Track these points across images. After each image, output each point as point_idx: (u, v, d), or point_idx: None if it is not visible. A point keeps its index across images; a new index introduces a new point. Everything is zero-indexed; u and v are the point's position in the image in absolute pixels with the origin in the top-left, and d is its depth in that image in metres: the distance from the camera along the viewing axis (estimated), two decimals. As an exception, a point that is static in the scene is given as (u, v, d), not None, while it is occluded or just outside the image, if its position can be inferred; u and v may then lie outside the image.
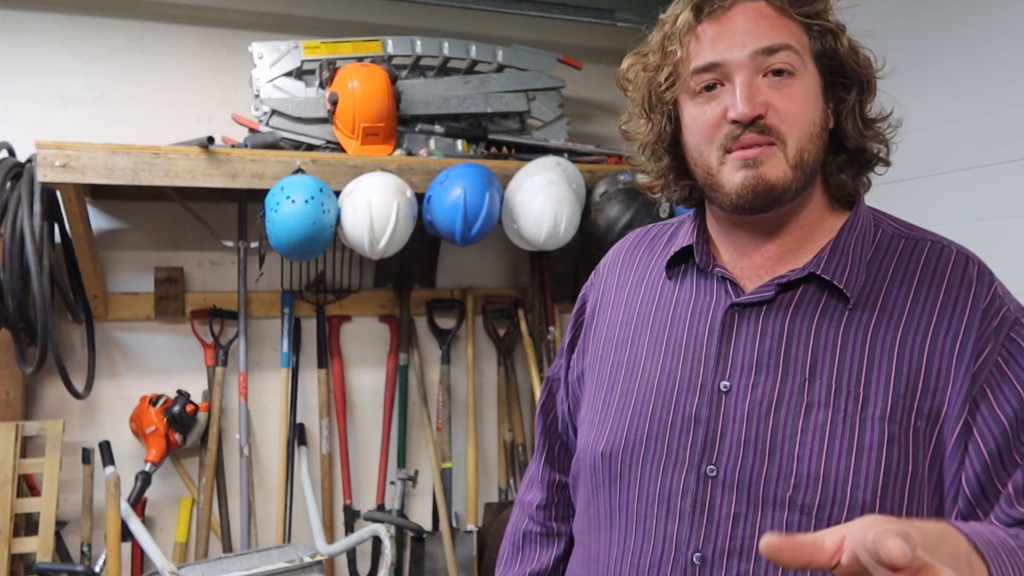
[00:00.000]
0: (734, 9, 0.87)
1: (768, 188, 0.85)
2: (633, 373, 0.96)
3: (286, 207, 2.19)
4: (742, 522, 0.84)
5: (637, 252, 1.07)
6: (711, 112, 0.88)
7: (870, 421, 0.82)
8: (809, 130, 0.87)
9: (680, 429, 0.89)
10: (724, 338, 0.90)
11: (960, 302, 0.85)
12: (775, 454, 0.83)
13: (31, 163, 2.17)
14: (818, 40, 0.89)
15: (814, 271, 0.88)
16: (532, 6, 2.77)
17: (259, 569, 2.21)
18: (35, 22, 2.50)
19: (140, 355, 2.61)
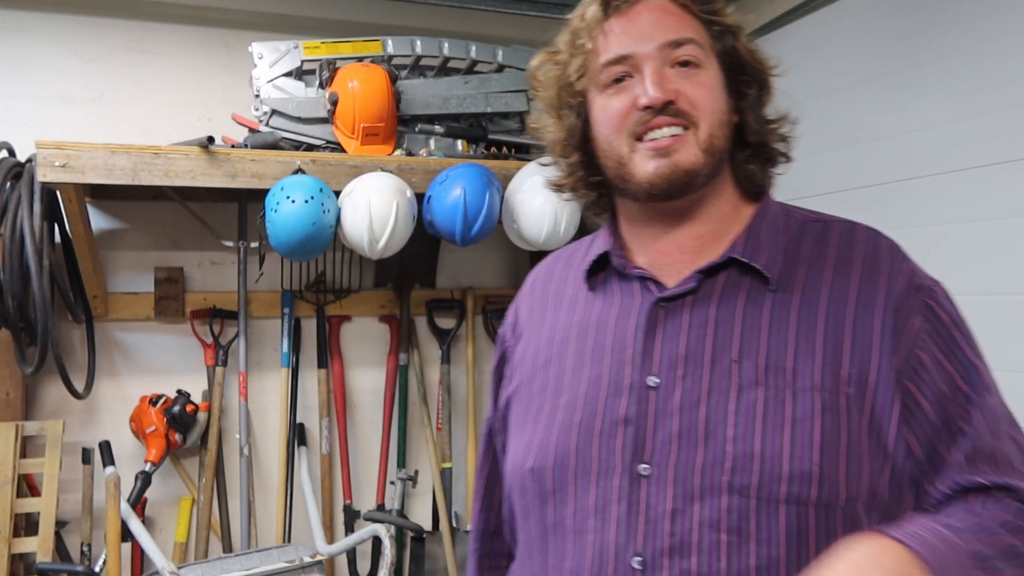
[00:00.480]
0: (640, 5, 0.91)
1: (682, 173, 0.87)
2: (559, 388, 0.94)
3: (286, 207, 2.19)
4: (680, 517, 0.81)
5: (555, 271, 1.07)
6: (621, 102, 0.90)
7: (801, 392, 0.82)
8: (718, 116, 0.90)
9: (609, 434, 0.87)
10: (650, 335, 0.89)
11: (875, 274, 0.88)
12: (709, 441, 0.82)
13: (31, 163, 2.17)
14: (718, 39, 0.92)
15: (733, 255, 0.89)
16: (532, 6, 2.77)
17: (259, 569, 2.21)
18: (35, 22, 2.50)
19: (140, 355, 2.61)
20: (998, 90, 1.95)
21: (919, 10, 2.17)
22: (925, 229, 2.15)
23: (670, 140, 0.87)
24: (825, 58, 2.50)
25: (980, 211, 1.99)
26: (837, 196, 2.44)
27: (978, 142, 2.00)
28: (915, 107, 2.18)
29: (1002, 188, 1.94)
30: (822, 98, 2.51)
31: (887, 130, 2.26)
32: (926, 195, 2.14)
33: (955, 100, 2.06)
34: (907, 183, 2.20)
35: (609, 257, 0.96)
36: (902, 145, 2.22)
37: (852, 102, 2.39)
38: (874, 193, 2.30)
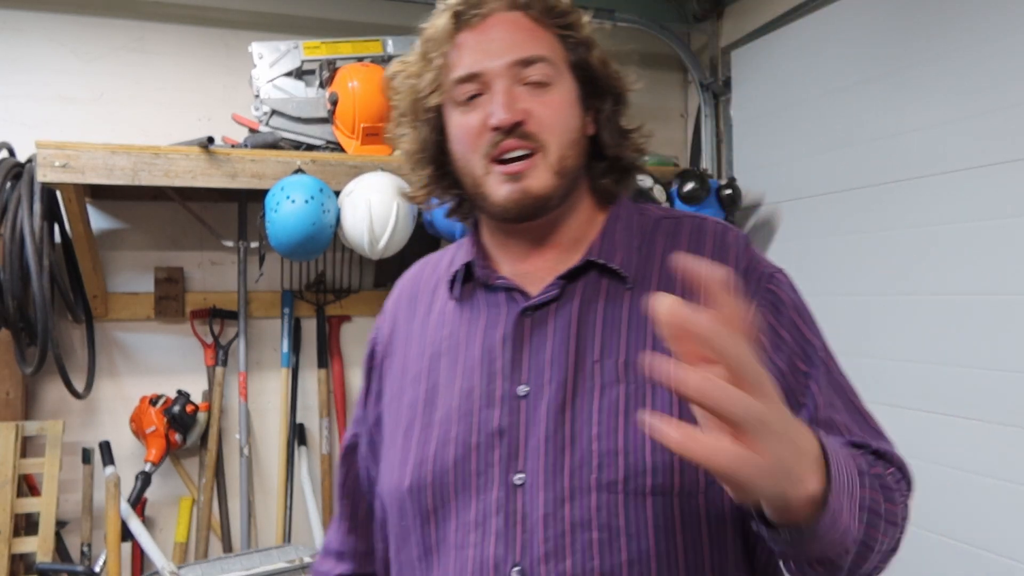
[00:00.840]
0: (491, 19, 0.89)
1: (534, 199, 0.88)
2: (432, 403, 0.93)
3: (286, 207, 2.19)
4: (552, 521, 0.82)
5: (419, 283, 1.05)
6: (473, 120, 0.89)
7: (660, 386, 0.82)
8: (569, 136, 0.89)
9: (486, 447, 0.87)
10: (517, 345, 0.89)
11: (723, 263, 0.89)
12: (576, 442, 0.83)
13: (31, 163, 2.17)
14: (573, 51, 0.92)
15: (590, 259, 0.91)
16: (532, 6, 2.76)
17: (259, 569, 2.21)
18: (35, 22, 2.50)
19: (140, 355, 2.61)
20: (997, 90, 1.95)
21: (918, 11, 2.17)
22: (923, 229, 2.15)
23: (521, 165, 0.87)
24: (824, 58, 2.50)
25: (978, 211, 1.99)
26: (836, 196, 2.44)
27: (976, 142, 2.00)
28: (914, 107, 2.18)
29: (1000, 188, 1.94)
30: (821, 98, 2.52)
31: (886, 130, 2.26)
32: (924, 195, 2.14)
33: (954, 101, 2.06)
34: (905, 183, 2.20)
35: (472, 268, 0.95)
36: (901, 145, 2.22)
37: (851, 102, 2.39)
38: (873, 193, 2.30)
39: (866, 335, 2.32)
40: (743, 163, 2.90)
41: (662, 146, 3.16)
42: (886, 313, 2.26)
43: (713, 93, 3.01)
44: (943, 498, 2.06)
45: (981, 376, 1.98)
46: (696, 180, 2.63)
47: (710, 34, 3.06)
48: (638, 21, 2.90)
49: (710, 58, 3.07)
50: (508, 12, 0.90)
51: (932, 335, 2.11)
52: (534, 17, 0.90)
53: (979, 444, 1.98)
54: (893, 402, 2.22)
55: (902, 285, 2.21)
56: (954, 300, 2.06)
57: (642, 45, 3.14)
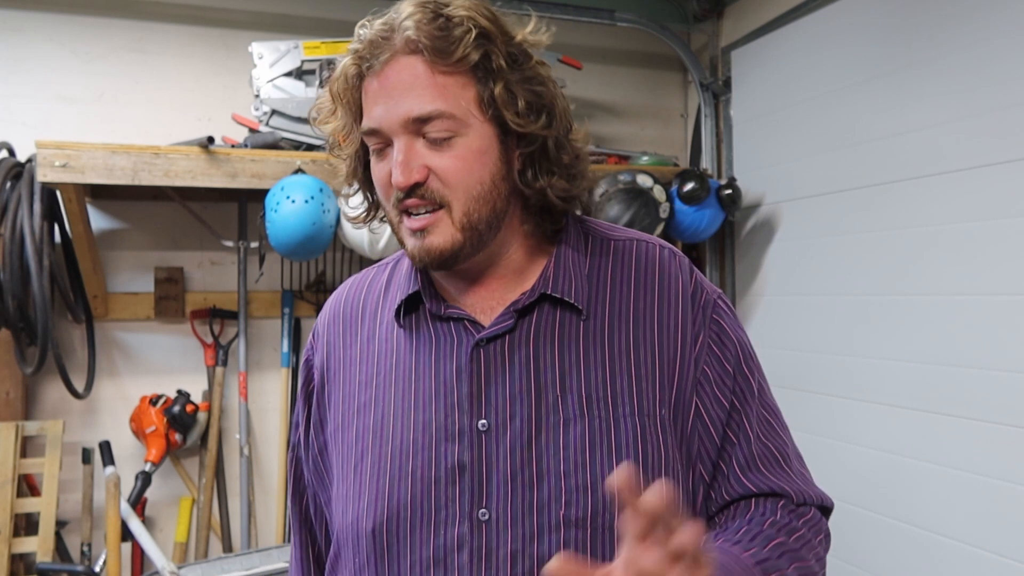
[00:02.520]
0: (391, 66, 0.84)
1: (438, 255, 0.85)
2: (383, 435, 0.89)
3: (286, 207, 2.19)
4: (521, 558, 0.82)
5: (356, 305, 1.00)
6: (383, 172, 0.87)
7: (623, 420, 0.85)
8: (476, 190, 0.85)
9: (446, 481, 0.85)
10: (474, 377, 0.87)
11: (673, 293, 0.92)
12: (543, 479, 0.83)
13: (31, 163, 2.17)
14: (484, 85, 0.84)
15: (543, 291, 0.89)
16: (532, 6, 2.75)
17: (259, 569, 2.21)
18: (35, 22, 2.50)
19: (140, 355, 2.61)
20: (996, 91, 1.95)
21: (918, 11, 2.17)
22: (923, 229, 2.15)
23: (424, 220, 0.85)
24: (824, 58, 2.50)
25: (977, 211, 1.99)
26: (836, 196, 2.44)
27: (976, 142, 2.00)
28: (913, 107, 2.18)
29: (1000, 188, 1.94)
30: (821, 98, 2.52)
31: (885, 130, 2.27)
32: (923, 195, 2.14)
33: (953, 101, 2.06)
34: (905, 183, 2.20)
35: (421, 297, 0.92)
36: (900, 145, 2.22)
37: (851, 102, 2.39)
38: (872, 193, 2.30)
39: (865, 335, 2.32)
40: (743, 163, 2.90)
41: (662, 146, 3.16)
42: (885, 313, 2.26)
43: (713, 93, 3.01)
44: (943, 498, 2.06)
45: (981, 376, 1.98)
46: (696, 180, 2.63)
47: (710, 34, 3.06)
48: (638, 21, 2.90)
49: (710, 58, 3.07)
50: (407, 57, 0.84)
51: (931, 335, 2.11)
52: (429, 63, 0.83)
53: (979, 444, 1.98)
54: (893, 402, 2.22)
55: (901, 285, 2.21)
56: (953, 300, 2.06)
57: (642, 45, 3.14)
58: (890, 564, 2.21)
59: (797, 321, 2.62)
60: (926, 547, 2.10)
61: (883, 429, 2.25)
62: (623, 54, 3.15)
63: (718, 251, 2.99)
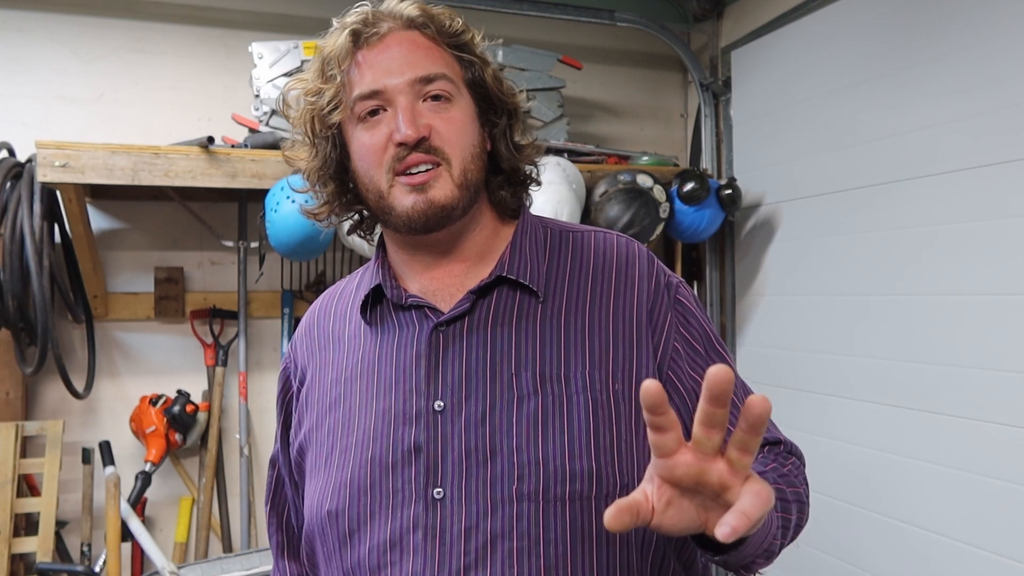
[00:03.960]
0: (389, 37, 0.91)
1: (439, 209, 0.89)
2: (349, 427, 0.93)
3: (286, 207, 2.19)
4: (474, 533, 0.84)
5: (330, 311, 1.05)
6: (377, 136, 0.90)
7: (575, 396, 0.88)
8: (470, 151, 0.92)
9: (402, 464, 0.87)
10: (432, 361, 0.90)
11: (630, 278, 0.95)
12: (496, 455, 0.85)
13: (31, 163, 2.17)
14: (468, 70, 0.95)
15: (500, 274, 0.93)
16: (532, 6, 2.77)
17: (259, 569, 2.21)
18: (35, 22, 2.50)
19: (140, 355, 2.61)
20: (996, 91, 1.95)
21: (918, 11, 2.17)
22: (922, 229, 2.15)
23: (425, 175, 0.89)
24: (824, 58, 2.50)
25: (977, 211, 1.99)
26: (836, 196, 2.44)
27: (975, 142, 2.00)
28: (913, 107, 2.18)
29: (999, 188, 1.94)
30: (821, 98, 2.52)
31: (885, 130, 2.27)
32: (923, 195, 2.14)
33: (953, 101, 2.06)
34: (904, 183, 2.20)
35: (382, 290, 0.96)
36: (900, 145, 2.22)
37: (851, 102, 2.39)
38: (872, 193, 2.30)
39: (864, 335, 2.32)
40: (743, 163, 2.90)
41: (662, 146, 3.16)
42: (884, 313, 2.26)
43: (713, 93, 3.01)
44: (942, 498, 2.07)
45: (980, 376, 1.98)
46: (696, 180, 2.63)
47: (710, 34, 3.06)
48: (638, 21, 2.90)
49: (710, 58, 3.07)
50: (405, 31, 0.92)
51: (930, 335, 2.11)
52: (430, 36, 0.93)
53: (978, 444, 1.98)
54: (892, 402, 2.22)
55: (901, 285, 2.21)
56: (953, 300, 2.06)
57: (642, 45, 3.14)
58: (889, 564, 2.21)
59: (796, 321, 2.62)
60: (925, 547, 2.10)
61: (882, 429, 2.25)
62: (623, 54, 3.15)
63: (718, 251, 2.99)
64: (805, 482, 0.94)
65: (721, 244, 2.98)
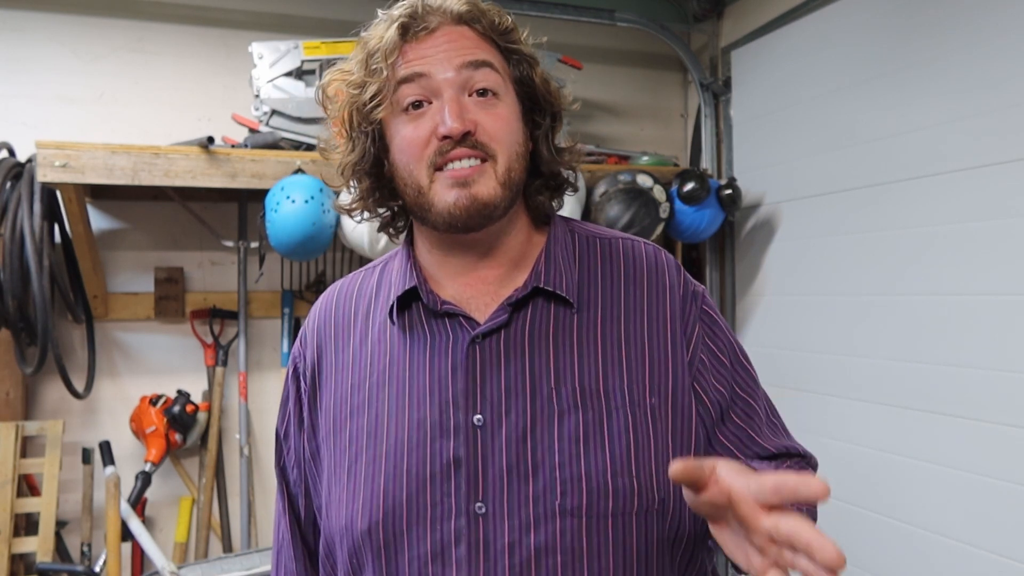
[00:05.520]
0: (439, 31, 0.89)
1: (481, 206, 0.87)
2: (378, 436, 0.90)
3: (286, 207, 2.19)
4: (518, 548, 0.84)
5: (346, 307, 1.01)
6: (420, 130, 0.88)
7: (615, 412, 0.87)
8: (515, 149, 0.90)
9: (441, 477, 0.86)
10: (470, 374, 0.88)
11: (661, 287, 0.95)
12: (538, 471, 0.85)
13: (31, 163, 2.17)
14: (516, 68, 0.93)
15: (536, 285, 0.91)
16: (532, 6, 2.77)
17: (259, 569, 2.21)
18: (35, 22, 2.50)
19: (140, 355, 2.61)
20: (996, 91, 1.95)
21: (917, 11, 2.17)
22: (922, 229, 2.15)
23: (469, 170, 0.87)
24: (824, 58, 2.50)
25: (977, 211, 1.99)
26: (836, 196, 2.44)
27: (976, 142, 2.00)
28: (913, 107, 2.18)
29: (999, 188, 1.94)
30: (821, 98, 2.52)
31: (885, 130, 2.27)
32: (923, 195, 2.14)
33: (953, 101, 2.06)
34: (904, 183, 2.20)
35: (417, 293, 0.92)
36: (900, 145, 2.22)
37: (851, 102, 2.39)
38: (872, 193, 2.30)
39: (865, 335, 2.32)
40: (743, 163, 2.90)
41: (662, 146, 3.16)
42: (885, 313, 2.26)
43: (713, 93, 3.01)
44: (942, 498, 2.06)
45: (981, 376, 1.98)
46: (696, 180, 2.63)
47: (710, 34, 3.06)
48: (638, 21, 2.90)
49: (710, 58, 3.07)
50: (455, 26, 0.90)
51: (931, 335, 2.11)
52: (480, 32, 0.91)
53: (979, 444, 1.98)
54: (892, 402, 2.22)
55: (901, 285, 2.21)
56: (953, 300, 2.06)
57: (642, 45, 3.14)
58: (889, 564, 2.21)
59: (797, 321, 2.62)
60: (925, 547, 2.10)
61: (882, 429, 2.25)
62: (623, 54, 3.15)
63: (718, 251, 2.99)
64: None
65: (721, 244, 2.98)
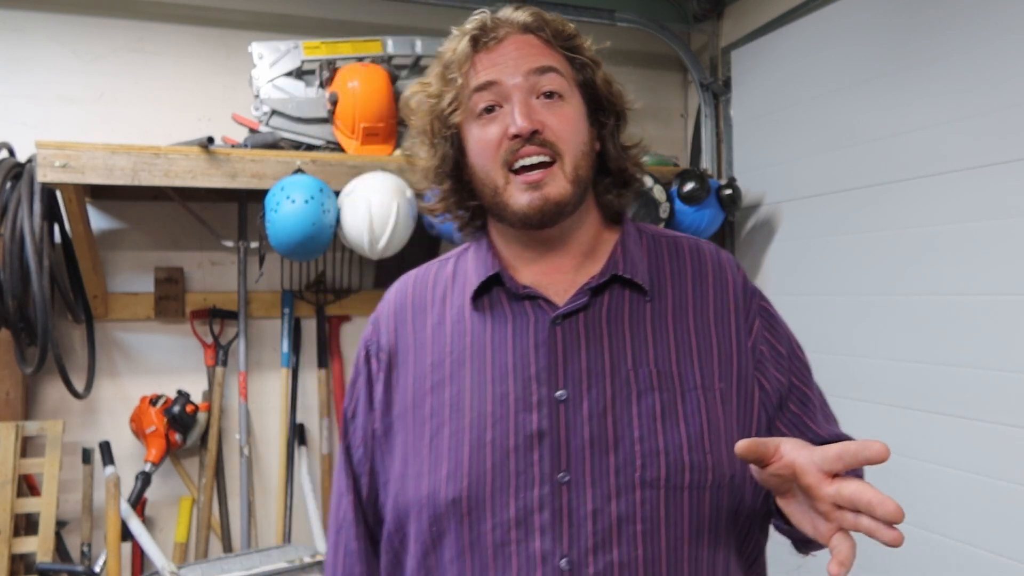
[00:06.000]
0: (507, 40, 0.98)
1: (553, 204, 0.95)
2: (459, 409, 0.96)
3: (286, 207, 2.19)
4: (600, 516, 0.90)
5: (422, 294, 1.07)
6: (493, 132, 0.96)
7: (689, 393, 0.95)
8: (580, 147, 0.98)
9: (525, 448, 0.92)
10: (551, 352, 0.95)
11: (723, 282, 1.03)
12: (619, 444, 0.92)
13: (31, 163, 2.17)
14: (580, 72, 1.01)
15: (615, 272, 0.99)
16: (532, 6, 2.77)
17: (259, 569, 2.21)
18: (35, 22, 2.50)
19: (140, 355, 2.61)
20: (996, 91, 1.95)
21: (918, 11, 2.17)
22: (923, 229, 2.15)
23: (540, 174, 0.94)
24: (824, 58, 2.50)
25: (978, 211, 1.99)
26: (836, 196, 2.44)
27: (976, 142, 2.00)
28: (913, 107, 2.18)
29: (1000, 188, 1.94)
30: (821, 98, 2.52)
31: (885, 130, 2.27)
32: (924, 195, 2.14)
33: (953, 101, 2.06)
34: (905, 183, 2.20)
35: (500, 278, 1.00)
36: (900, 145, 2.22)
37: (851, 102, 2.39)
38: (872, 193, 2.30)
39: (865, 335, 2.32)
40: (743, 163, 2.90)
41: (662, 146, 3.16)
42: (885, 313, 2.26)
43: (713, 93, 3.01)
44: (943, 498, 2.06)
45: (981, 376, 1.98)
46: (696, 180, 2.63)
47: (710, 34, 3.06)
48: (638, 21, 2.90)
49: (710, 58, 3.07)
50: (521, 34, 0.99)
51: (931, 335, 2.11)
52: (545, 39, 0.99)
53: (979, 444, 1.98)
54: (892, 402, 2.22)
55: (901, 285, 2.21)
56: (953, 300, 2.06)
57: (642, 45, 3.14)
58: (889, 564, 2.21)
59: (797, 321, 2.60)
60: (925, 547, 2.10)
61: (882, 428, 2.25)
62: (623, 54, 3.14)
63: (718, 251, 2.99)
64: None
65: (721, 244, 2.98)
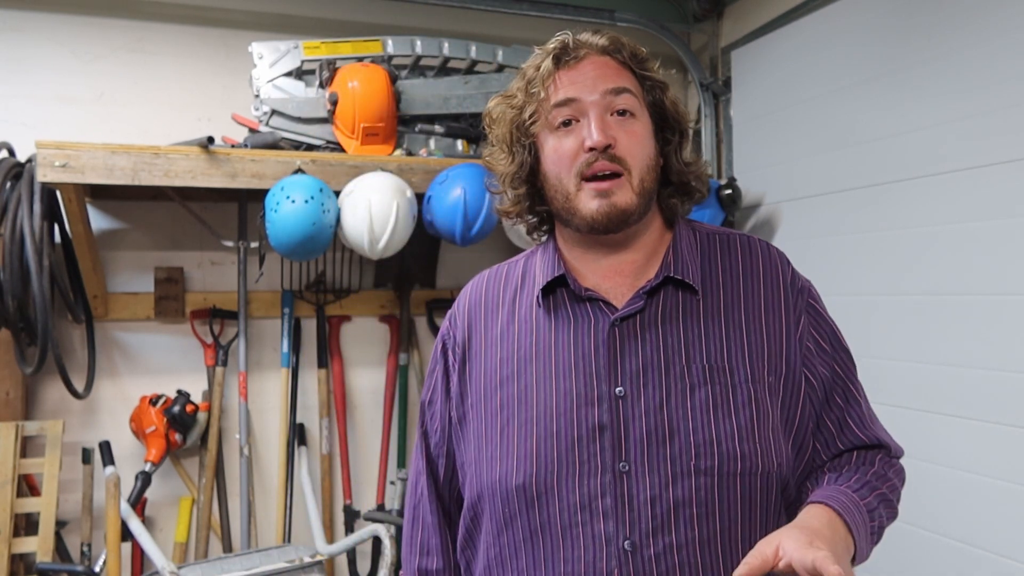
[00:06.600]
0: (586, 60, 1.07)
1: (620, 213, 1.03)
2: (527, 402, 1.05)
3: (286, 207, 2.19)
4: (659, 501, 0.98)
5: (495, 292, 1.18)
6: (570, 144, 1.05)
7: (739, 386, 1.02)
8: (647, 162, 1.06)
9: (588, 439, 1.01)
10: (612, 351, 1.03)
11: (775, 279, 1.10)
12: (675, 436, 1.00)
13: (31, 163, 2.17)
14: (650, 92, 1.10)
15: (667, 275, 1.06)
16: (532, 6, 2.77)
17: (259, 569, 2.21)
18: (35, 22, 2.50)
19: (140, 355, 2.61)
20: (995, 91, 1.95)
21: (918, 11, 2.17)
22: (923, 229, 2.15)
23: (609, 184, 1.03)
24: (824, 58, 2.50)
25: (978, 211, 1.99)
26: (836, 196, 2.44)
27: (976, 142, 2.00)
28: (913, 107, 2.18)
29: (1000, 188, 1.94)
30: (821, 98, 2.52)
31: (886, 130, 2.27)
32: (924, 195, 2.14)
33: (952, 101, 2.06)
34: (905, 183, 2.20)
35: (565, 280, 1.08)
36: (900, 145, 2.22)
37: (851, 102, 2.39)
38: (872, 193, 2.30)
39: (866, 335, 2.32)
40: (743, 163, 2.90)
41: (662, 146, 3.16)
42: (886, 313, 2.26)
43: (713, 93, 3.01)
44: (943, 498, 2.06)
45: (981, 376, 1.98)
46: (696, 180, 2.63)
47: (710, 34, 3.06)
48: (638, 21, 2.90)
49: (710, 58, 3.07)
50: (599, 56, 1.08)
51: (932, 335, 2.11)
52: (620, 61, 1.08)
53: (979, 444, 1.98)
54: (893, 402, 2.22)
55: (902, 285, 2.21)
56: (954, 300, 2.06)
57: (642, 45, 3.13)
58: (889, 564, 2.21)
59: (797, 321, 2.61)
60: (926, 547, 2.10)
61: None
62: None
63: (718, 251, 2.99)
64: (900, 487, 1.11)
65: (721, 244, 2.98)
